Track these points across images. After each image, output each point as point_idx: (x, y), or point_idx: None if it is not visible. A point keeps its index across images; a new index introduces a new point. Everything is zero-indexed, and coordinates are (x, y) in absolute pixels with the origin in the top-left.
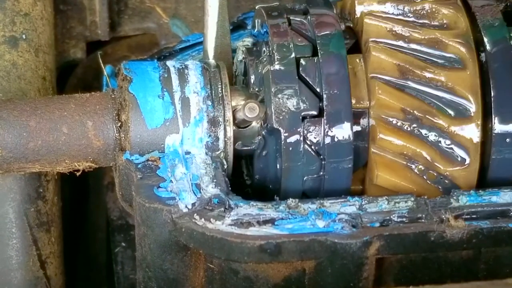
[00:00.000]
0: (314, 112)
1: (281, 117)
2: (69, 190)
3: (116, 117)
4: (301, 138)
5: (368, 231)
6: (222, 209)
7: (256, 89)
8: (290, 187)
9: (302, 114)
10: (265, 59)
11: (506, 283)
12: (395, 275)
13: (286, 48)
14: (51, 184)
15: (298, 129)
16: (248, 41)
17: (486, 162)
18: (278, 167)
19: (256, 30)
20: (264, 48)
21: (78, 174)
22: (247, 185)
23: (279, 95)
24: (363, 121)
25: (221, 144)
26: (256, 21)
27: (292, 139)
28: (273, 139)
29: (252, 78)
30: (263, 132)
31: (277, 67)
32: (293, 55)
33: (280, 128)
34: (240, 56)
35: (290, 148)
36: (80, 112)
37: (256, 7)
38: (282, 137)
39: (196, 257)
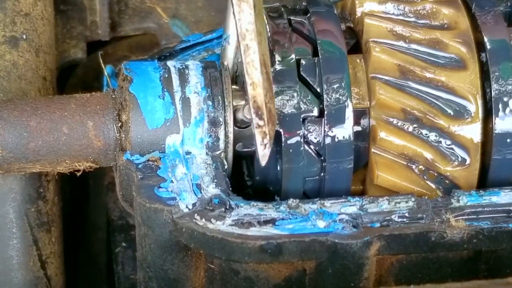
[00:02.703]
0: (315, 113)
1: (281, 119)
2: (69, 190)
3: (117, 117)
4: (302, 140)
5: (368, 231)
6: (223, 209)
7: None
8: (291, 188)
9: (303, 115)
10: None
11: (507, 282)
12: (395, 275)
13: (287, 49)
14: (52, 184)
15: (299, 131)
16: None
17: (486, 162)
18: (278, 168)
19: None
20: None
21: (78, 174)
22: (248, 186)
23: (280, 96)
24: (364, 121)
25: (221, 144)
26: None
27: (293, 140)
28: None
29: None
30: None
31: (277, 68)
32: (293, 56)
33: (280, 130)
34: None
35: (291, 150)
36: (80, 112)
37: None
38: (283, 138)
39: (196, 257)
